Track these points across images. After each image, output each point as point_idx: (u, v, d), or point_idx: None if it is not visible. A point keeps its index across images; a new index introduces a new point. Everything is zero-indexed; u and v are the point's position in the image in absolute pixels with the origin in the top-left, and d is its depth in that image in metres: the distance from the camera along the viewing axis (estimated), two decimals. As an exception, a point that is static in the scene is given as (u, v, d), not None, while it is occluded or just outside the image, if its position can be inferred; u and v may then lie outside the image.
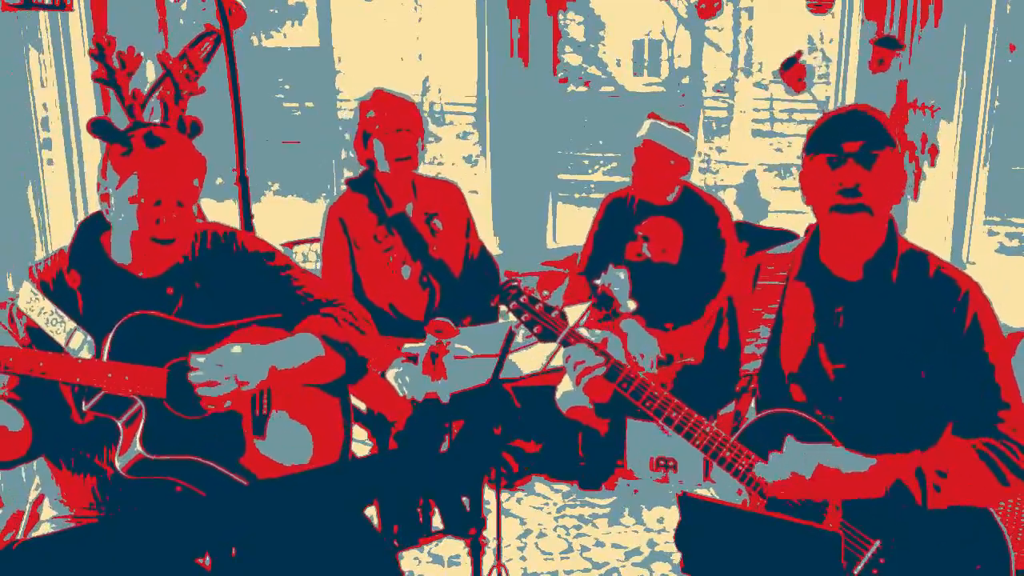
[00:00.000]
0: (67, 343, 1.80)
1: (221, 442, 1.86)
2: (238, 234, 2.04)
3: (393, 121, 2.94)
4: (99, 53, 2.01)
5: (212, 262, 1.97)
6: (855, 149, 1.72)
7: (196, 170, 1.89)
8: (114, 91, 2.02)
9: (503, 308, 2.00)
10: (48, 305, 1.83)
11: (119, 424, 1.80)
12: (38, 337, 1.83)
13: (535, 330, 1.96)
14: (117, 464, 1.79)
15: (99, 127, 1.87)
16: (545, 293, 1.97)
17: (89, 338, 1.80)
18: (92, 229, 1.93)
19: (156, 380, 1.80)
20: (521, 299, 1.96)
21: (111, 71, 2.05)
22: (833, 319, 1.82)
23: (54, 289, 1.87)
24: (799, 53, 4.47)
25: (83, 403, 1.79)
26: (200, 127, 2.02)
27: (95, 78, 2.02)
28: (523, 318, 1.96)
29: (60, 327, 1.81)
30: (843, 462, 1.70)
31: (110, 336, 1.79)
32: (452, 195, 3.18)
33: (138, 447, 1.76)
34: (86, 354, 1.79)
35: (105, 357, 1.78)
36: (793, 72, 4.42)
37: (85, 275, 1.89)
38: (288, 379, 1.92)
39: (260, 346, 1.89)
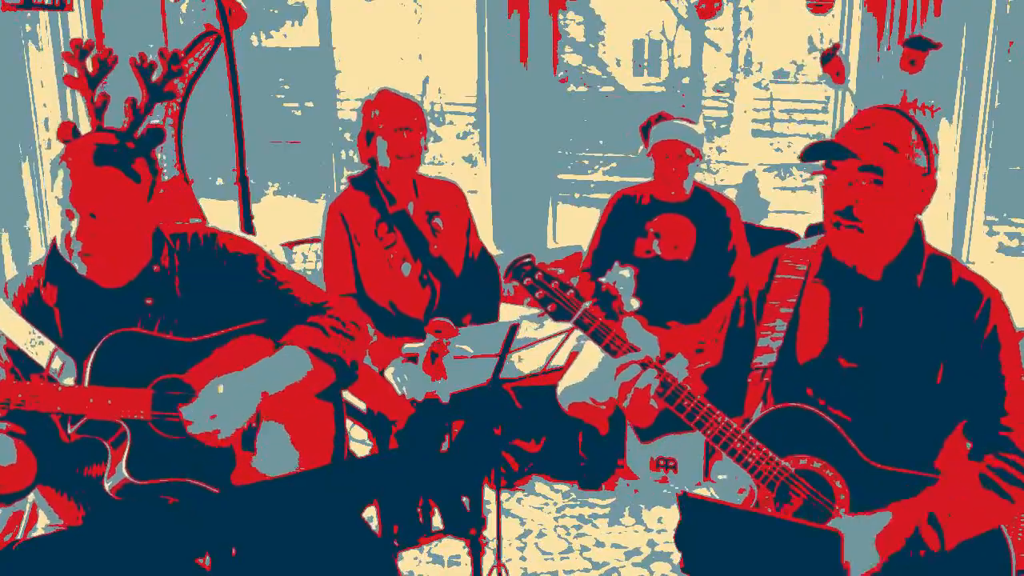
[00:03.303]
0: (49, 364, 1.76)
1: (210, 460, 1.82)
2: (219, 235, 1.97)
3: (397, 120, 2.96)
4: (78, 56, 1.93)
5: (192, 267, 1.91)
6: (848, 171, 1.70)
7: (121, 186, 1.75)
8: (86, 95, 1.94)
9: (514, 284, 1.95)
10: (25, 326, 1.78)
11: (106, 444, 1.76)
12: (19, 358, 1.79)
13: (549, 308, 1.91)
14: (106, 486, 1.76)
15: (66, 132, 1.82)
16: (561, 271, 1.94)
17: (70, 358, 1.76)
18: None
19: (140, 402, 1.75)
20: (536, 275, 1.91)
21: (88, 75, 1.98)
22: (852, 317, 1.81)
23: (31, 307, 1.82)
24: (837, 46, 4.52)
25: (69, 426, 1.75)
26: (162, 136, 1.91)
27: (67, 82, 1.95)
28: (537, 295, 1.92)
29: (40, 348, 1.76)
30: (863, 528, 1.67)
31: (91, 356, 1.74)
32: (454, 195, 3.19)
33: (124, 473, 1.73)
34: (69, 378, 1.74)
35: (87, 378, 1.73)
36: (832, 65, 4.48)
37: (61, 288, 1.83)
38: (279, 400, 1.87)
39: (246, 376, 1.82)
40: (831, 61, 4.46)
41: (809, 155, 1.74)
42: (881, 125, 1.73)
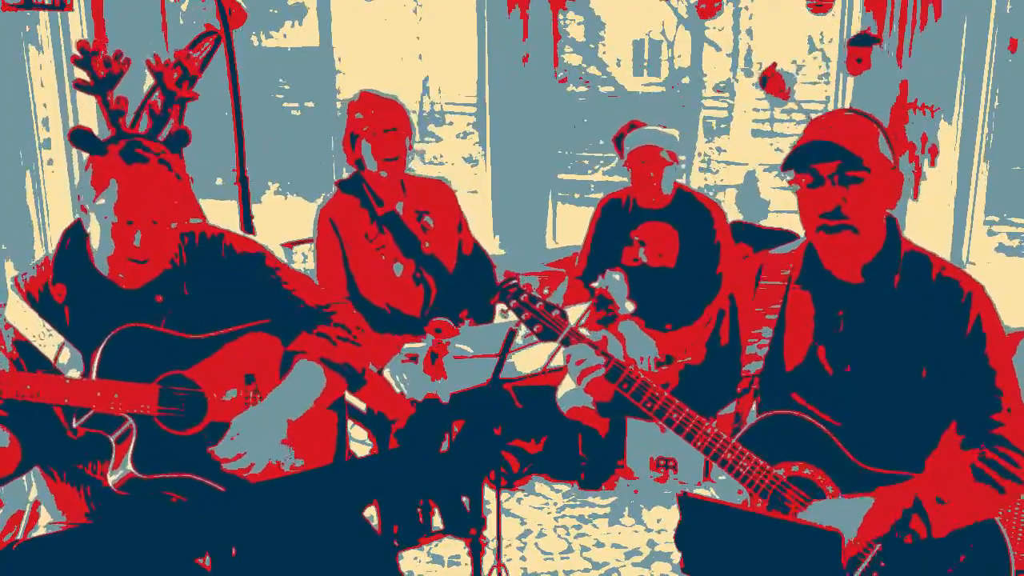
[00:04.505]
0: (56, 357, 1.76)
1: (213, 457, 1.83)
2: (226, 235, 1.99)
3: (380, 122, 2.93)
4: (84, 59, 1.91)
5: (200, 266, 1.92)
6: (831, 170, 1.69)
7: (174, 188, 1.79)
8: (98, 99, 1.93)
9: (501, 307, 1.97)
10: (36, 318, 1.78)
11: (111, 440, 1.77)
12: (26, 350, 1.79)
13: (535, 329, 1.94)
14: (109, 480, 1.77)
15: (77, 137, 1.78)
16: (545, 291, 1.96)
17: (78, 352, 1.76)
18: (76, 236, 1.86)
19: (146, 396, 1.76)
20: (521, 297, 1.94)
21: (97, 78, 1.96)
22: (834, 322, 1.81)
23: (41, 300, 1.82)
24: (774, 64, 4.51)
25: (73, 420, 1.76)
26: (188, 137, 1.91)
27: (76, 85, 1.92)
28: (523, 317, 1.94)
29: (48, 341, 1.77)
30: (842, 511, 1.69)
31: (99, 350, 1.75)
32: (442, 193, 3.17)
33: (129, 466, 1.74)
34: (75, 370, 1.75)
35: (94, 373, 1.74)
36: (772, 84, 4.45)
37: (70, 286, 1.83)
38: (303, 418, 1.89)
39: (268, 407, 1.85)
40: (770, 81, 4.44)
41: (797, 158, 1.73)
42: (849, 124, 1.73)
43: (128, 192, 1.75)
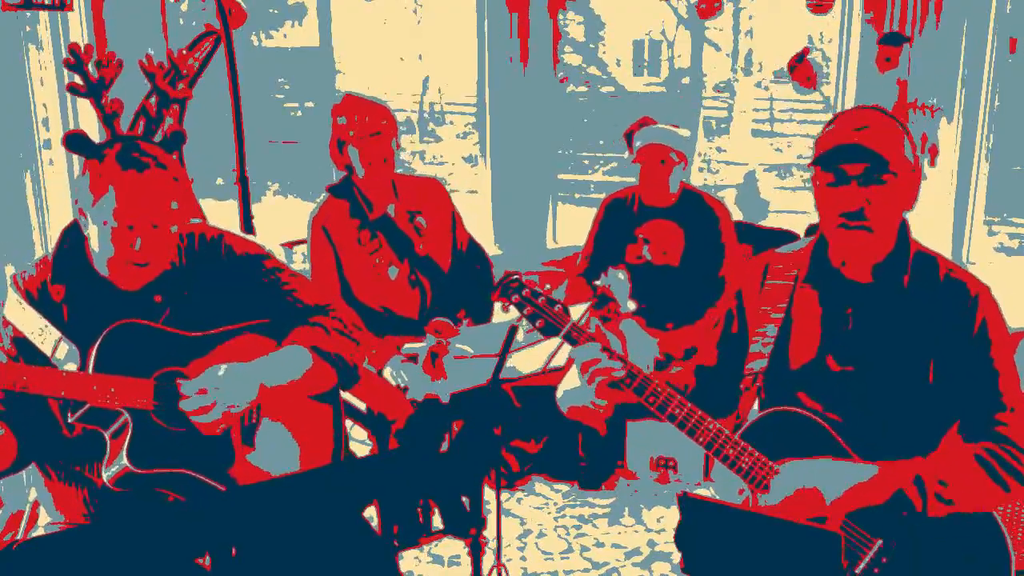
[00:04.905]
0: (53, 354, 1.76)
1: (209, 453, 1.83)
2: (226, 236, 1.98)
3: (365, 127, 2.89)
4: (76, 63, 1.87)
5: (200, 267, 1.92)
6: (859, 172, 1.69)
7: (173, 191, 1.78)
8: (92, 102, 1.89)
9: (501, 303, 1.97)
10: (34, 315, 1.79)
11: (106, 436, 1.78)
12: (24, 347, 1.79)
13: (538, 324, 1.93)
14: (104, 476, 1.77)
15: (73, 142, 1.77)
16: (548, 287, 1.95)
17: (75, 348, 1.76)
18: (75, 236, 1.86)
19: (143, 391, 1.76)
20: (524, 292, 1.93)
21: (89, 82, 1.92)
22: (842, 320, 1.81)
23: (39, 298, 1.82)
24: (806, 50, 4.50)
25: (69, 415, 1.76)
26: (184, 137, 1.89)
27: (69, 89, 1.90)
28: (525, 311, 1.93)
29: (46, 337, 1.77)
30: (844, 473, 1.69)
31: (95, 346, 1.75)
32: (434, 191, 3.14)
33: (124, 460, 1.74)
34: (72, 365, 1.75)
35: (91, 368, 1.74)
36: (801, 70, 4.45)
37: (69, 286, 1.83)
38: (279, 395, 1.88)
39: (247, 364, 1.84)
40: (799, 68, 4.45)
41: (826, 157, 1.72)
42: (879, 126, 1.72)
43: (127, 198, 1.74)
